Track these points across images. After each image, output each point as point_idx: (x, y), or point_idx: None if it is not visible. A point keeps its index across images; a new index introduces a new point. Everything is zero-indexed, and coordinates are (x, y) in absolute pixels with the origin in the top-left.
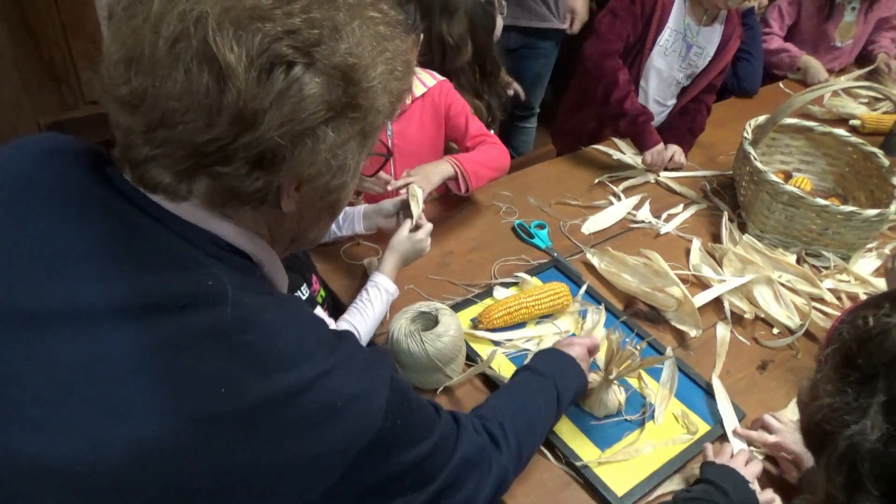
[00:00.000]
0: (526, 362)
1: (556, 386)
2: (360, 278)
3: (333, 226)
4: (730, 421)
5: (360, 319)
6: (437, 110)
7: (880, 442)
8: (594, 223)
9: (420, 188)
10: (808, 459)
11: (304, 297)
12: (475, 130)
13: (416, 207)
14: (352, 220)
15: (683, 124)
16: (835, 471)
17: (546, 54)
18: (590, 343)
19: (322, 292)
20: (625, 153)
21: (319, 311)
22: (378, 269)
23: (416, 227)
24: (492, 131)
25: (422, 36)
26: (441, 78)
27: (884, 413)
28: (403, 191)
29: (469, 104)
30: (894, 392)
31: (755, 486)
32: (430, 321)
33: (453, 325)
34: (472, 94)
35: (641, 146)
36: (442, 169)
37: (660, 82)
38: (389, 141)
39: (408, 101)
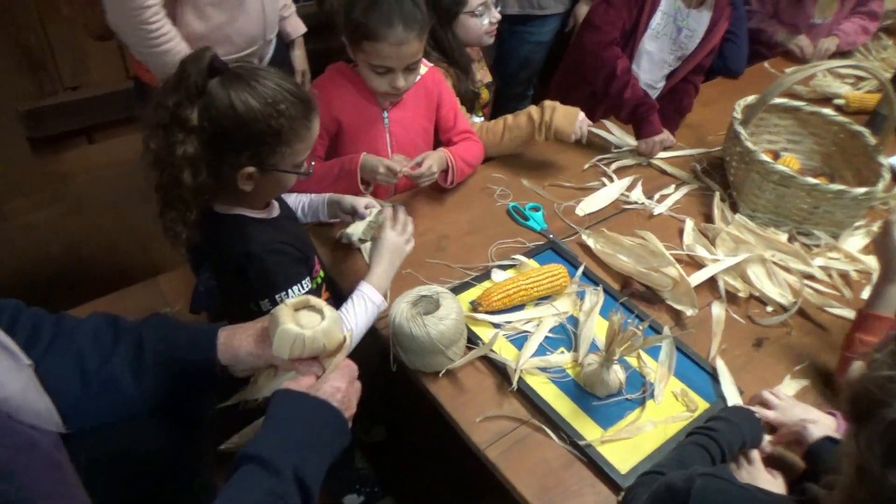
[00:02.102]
0: (250, 444)
1: (300, 479)
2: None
3: (300, 212)
4: (732, 399)
5: None
6: (430, 98)
7: None
8: (588, 205)
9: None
10: (809, 436)
11: (305, 291)
12: (462, 126)
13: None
14: (316, 209)
15: (671, 104)
16: (877, 441)
17: (538, 39)
18: (349, 371)
19: (322, 273)
20: (615, 135)
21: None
22: (365, 279)
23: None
24: (475, 118)
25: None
26: (430, 64)
27: None
28: (369, 201)
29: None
30: None
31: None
32: (431, 305)
33: (455, 308)
34: (445, 65)
35: (641, 135)
36: (446, 158)
37: (651, 65)
38: (387, 129)
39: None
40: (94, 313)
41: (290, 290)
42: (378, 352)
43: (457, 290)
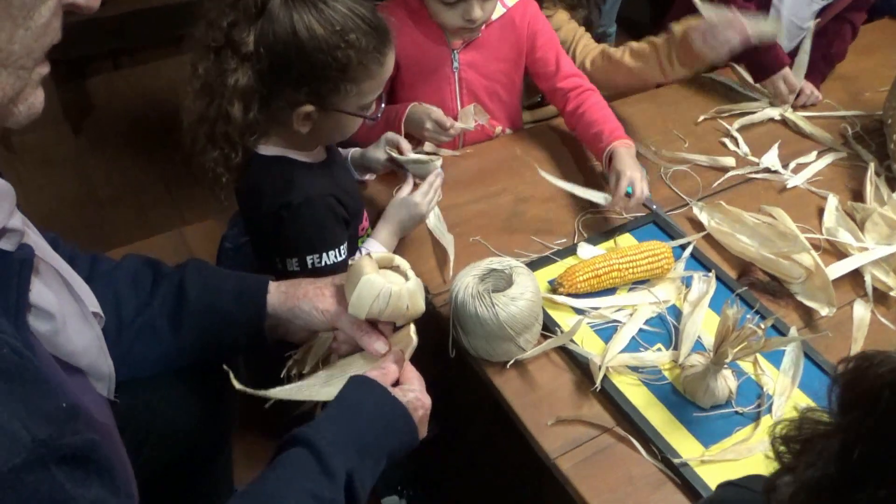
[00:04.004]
0: (309, 424)
1: (351, 482)
2: None
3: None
4: None
5: None
6: (519, 37)
7: None
8: (703, 170)
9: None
10: None
11: (342, 258)
12: (568, 69)
13: (468, 124)
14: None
15: (818, 49)
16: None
17: None
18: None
19: (369, 230)
20: (744, 81)
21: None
22: (373, 236)
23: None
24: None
25: None
26: None
27: None
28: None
29: (560, 23)
30: None
31: None
32: (501, 281)
33: (530, 286)
34: (566, 4)
35: (761, 70)
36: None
37: None
38: (456, 74)
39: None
40: (130, 255)
41: (324, 254)
42: (434, 332)
43: (534, 266)
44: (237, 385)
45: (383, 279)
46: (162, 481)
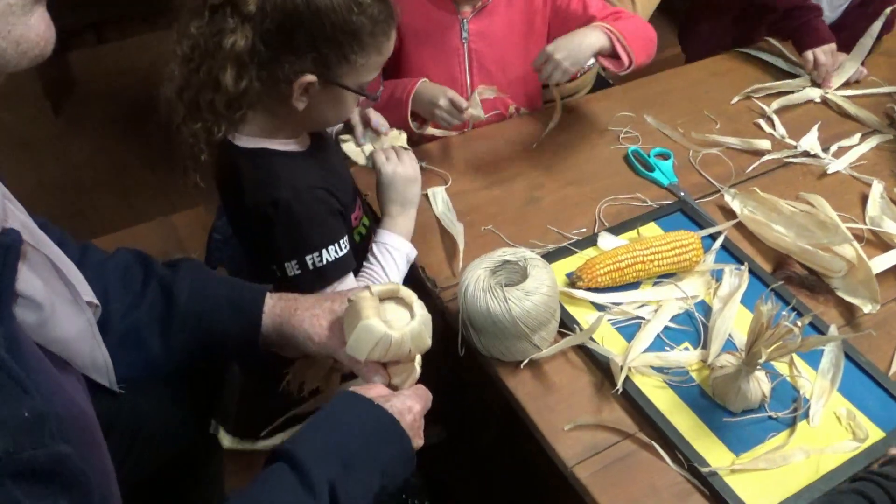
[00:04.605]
0: (291, 435)
1: (335, 495)
2: None
3: None
4: None
5: None
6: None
7: None
8: (736, 153)
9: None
10: None
11: (343, 252)
12: (598, 8)
13: (479, 112)
14: None
15: (862, 20)
16: None
17: None
18: (425, 395)
19: (365, 220)
20: (781, 58)
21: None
22: (382, 226)
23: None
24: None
25: None
26: None
27: None
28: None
29: None
30: None
31: None
32: (515, 274)
33: (546, 280)
34: None
35: (803, 44)
36: (592, 40)
37: None
38: (465, 45)
39: None
40: (121, 248)
41: (324, 251)
42: (441, 330)
43: (550, 258)
44: (226, 444)
45: (383, 326)
46: (149, 489)
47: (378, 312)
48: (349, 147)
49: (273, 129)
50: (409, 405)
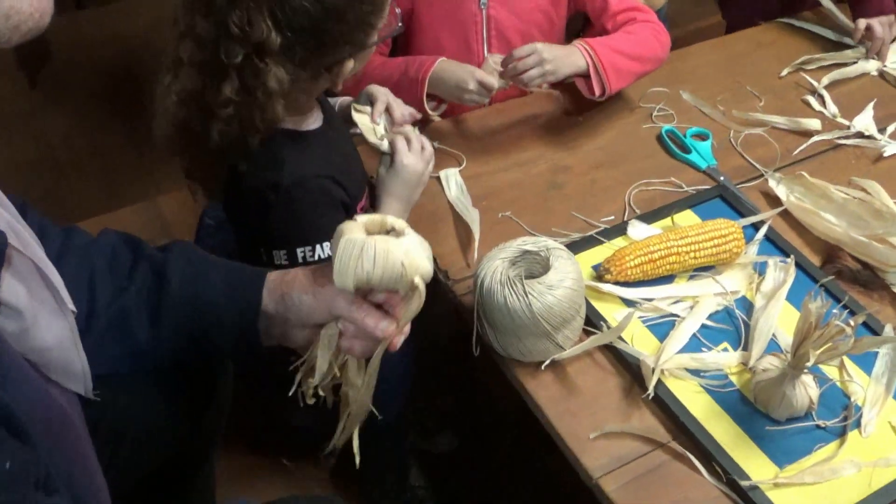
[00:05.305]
0: None
1: None
2: None
3: None
4: None
5: None
6: None
7: None
8: (782, 134)
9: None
10: None
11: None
12: (618, 3)
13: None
14: None
15: None
16: None
17: None
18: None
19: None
20: (833, 27)
21: None
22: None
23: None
24: None
25: None
26: None
27: None
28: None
29: None
30: None
31: None
32: (536, 265)
33: (571, 273)
34: None
35: (860, 9)
36: (574, 59)
37: None
38: (483, 12)
39: None
40: (107, 230)
41: (317, 246)
42: (452, 327)
43: (575, 248)
44: None
45: (364, 234)
46: (137, 492)
47: (364, 234)
48: (363, 119)
49: (286, 106)
50: None
